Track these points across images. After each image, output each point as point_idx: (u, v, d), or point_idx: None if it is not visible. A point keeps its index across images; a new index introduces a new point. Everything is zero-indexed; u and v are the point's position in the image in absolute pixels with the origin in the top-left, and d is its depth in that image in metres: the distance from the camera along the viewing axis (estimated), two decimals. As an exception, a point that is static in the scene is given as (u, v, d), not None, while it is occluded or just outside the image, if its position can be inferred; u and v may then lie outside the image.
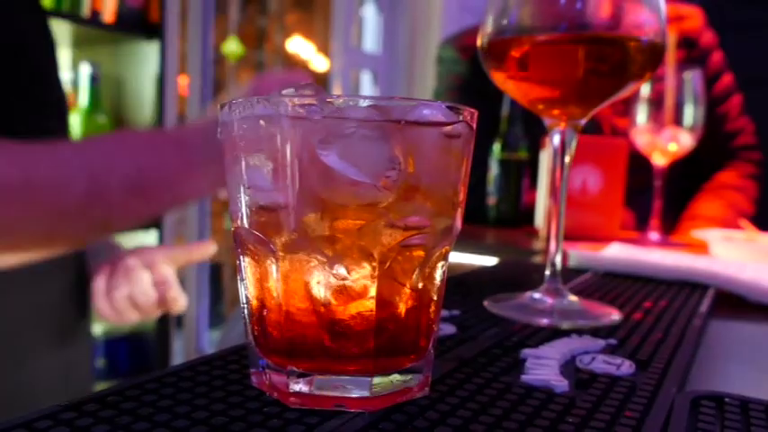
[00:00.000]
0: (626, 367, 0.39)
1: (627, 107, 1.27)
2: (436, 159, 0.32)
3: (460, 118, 0.32)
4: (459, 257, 0.96)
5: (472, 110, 0.33)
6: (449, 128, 0.32)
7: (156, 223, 1.74)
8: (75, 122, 1.62)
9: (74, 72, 1.68)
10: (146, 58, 1.73)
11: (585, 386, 0.36)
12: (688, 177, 1.59)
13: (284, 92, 0.34)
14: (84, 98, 1.62)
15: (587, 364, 0.39)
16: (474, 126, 0.34)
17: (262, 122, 0.30)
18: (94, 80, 1.63)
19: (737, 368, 0.47)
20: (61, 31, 1.62)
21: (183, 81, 2.15)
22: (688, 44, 1.53)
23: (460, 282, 0.65)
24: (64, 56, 1.82)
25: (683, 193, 1.57)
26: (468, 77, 1.63)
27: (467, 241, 1.08)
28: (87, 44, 1.78)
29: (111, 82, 1.77)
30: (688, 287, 0.67)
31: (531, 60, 0.50)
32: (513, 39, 0.50)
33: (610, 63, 0.49)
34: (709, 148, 1.48)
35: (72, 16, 1.53)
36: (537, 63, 0.51)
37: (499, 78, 0.54)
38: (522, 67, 0.51)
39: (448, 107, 0.32)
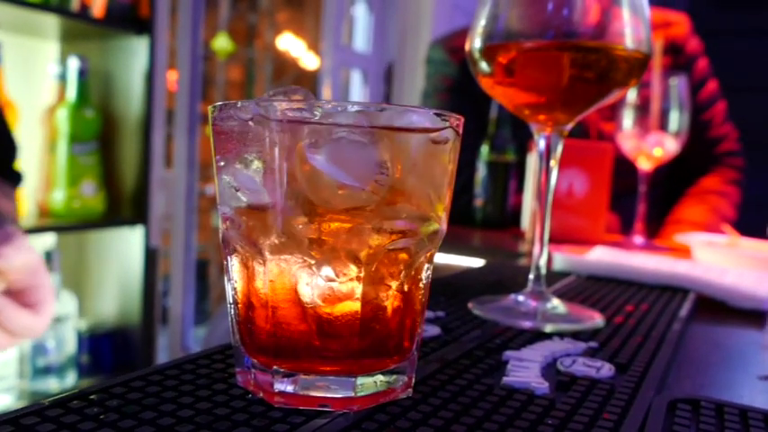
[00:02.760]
0: (606, 370, 0.39)
1: (613, 112, 1.28)
2: (423, 164, 0.32)
3: (447, 124, 0.33)
4: (445, 259, 0.96)
5: (458, 116, 0.34)
6: (435, 134, 0.33)
7: (141, 219, 1.74)
8: (63, 117, 1.61)
9: (62, 66, 1.68)
10: (135, 54, 1.72)
11: (566, 388, 0.37)
12: (672, 182, 1.60)
13: (273, 93, 0.34)
14: (71, 92, 1.62)
15: (568, 366, 0.40)
16: (460, 132, 0.34)
17: (252, 125, 0.31)
18: (82, 74, 1.62)
19: (716, 372, 0.48)
20: (50, 24, 1.61)
21: (172, 77, 2.15)
22: (674, 50, 1.54)
23: (446, 283, 0.65)
24: (52, 50, 1.81)
25: (668, 198, 1.58)
26: (457, 79, 1.63)
27: (453, 243, 1.09)
28: (76, 38, 1.77)
29: (100, 77, 1.76)
30: (669, 291, 0.68)
31: (518, 66, 0.51)
32: (500, 45, 0.51)
33: (595, 70, 0.50)
34: (694, 153, 1.49)
35: (61, 10, 1.52)
36: (523, 69, 0.51)
37: (486, 83, 0.54)
38: (508, 72, 0.52)
39: (435, 113, 0.32)
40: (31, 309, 0.68)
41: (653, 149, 1.20)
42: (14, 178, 0.83)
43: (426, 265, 0.35)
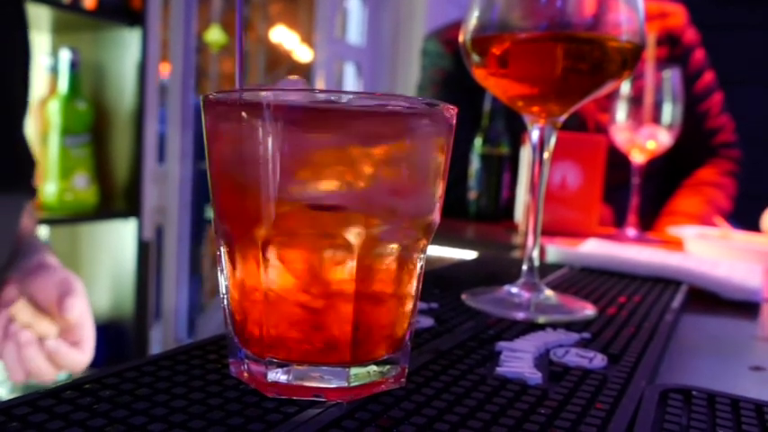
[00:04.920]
0: (598, 361, 0.40)
1: (611, 103, 1.28)
2: (415, 154, 0.32)
3: (440, 114, 0.33)
4: (438, 251, 0.96)
5: (452, 106, 0.34)
6: (428, 123, 0.33)
7: (134, 212, 1.73)
8: (55, 109, 1.60)
9: (53, 58, 1.66)
10: (127, 46, 1.71)
11: (558, 379, 0.37)
12: (668, 173, 1.60)
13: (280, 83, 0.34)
14: (63, 85, 1.61)
15: (561, 357, 0.40)
16: (453, 122, 0.34)
17: (244, 115, 0.31)
18: (74, 66, 1.61)
19: (708, 363, 0.48)
20: (41, 16, 1.59)
21: (164, 69, 2.13)
22: (671, 41, 1.54)
23: (440, 275, 0.65)
24: (43, 41, 1.79)
25: (664, 189, 1.59)
26: (452, 71, 1.63)
27: (447, 235, 1.09)
28: (67, 30, 1.76)
29: (92, 69, 1.75)
30: (662, 283, 0.68)
31: (512, 58, 0.51)
32: (494, 36, 0.51)
33: (588, 62, 0.50)
34: (690, 144, 1.49)
35: (52, 2, 1.51)
36: (517, 60, 0.51)
37: (480, 75, 0.54)
38: (502, 64, 0.52)
39: (428, 103, 0.32)
40: (77, 346, 0.74)
41: (646, 142, 1.21)
42: (31, 193, 0.84)
43: (419, 256, 0.35)
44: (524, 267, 0.57)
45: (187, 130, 2.23)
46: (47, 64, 1.68)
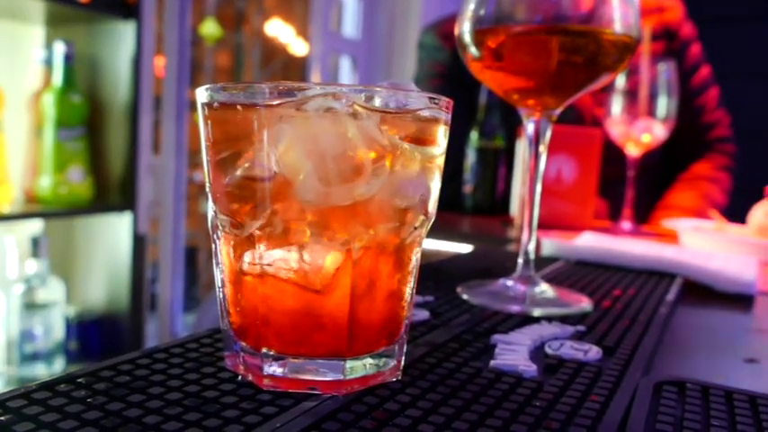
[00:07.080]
0: (593, 353, 0.40)
1: (607, 97, 1.28)
2: (411, 148, 0.32)
3: (437, 107, 0.33)
4: (434, 245, 0.96)
5: (448, 99, 0.34)
6: (426, 116, 0.32)
7: (129, 206, 1.73)
8: (49, 102, 1.59)
9: (48, 51, 1.65)
10: (122, 39, 1.70)
11: (553, 371, 0.37)
12: (664, 168, 1.60)
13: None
14: (58, 77, 1.60)
15: (556, 349, 0.40)
16: (450, 115, 0.34)
17: (240, 109, 0.31)
18: (69, 59, 1.60)
19: (702, 355, 0.48)
20: (35, 9, 1.58)
21: (159, 62, 2.12)
22: (668, 36, 1.54)
23: (435, 269, 0.66)
24: (37, 34, 1.78)
25: (660, 183, 1.59)
26: (449, 65, 1.63)
27: (443, 229, 1.09)
28: (62, 23, 1.75)
29: (86, 62, 1.74)
30: (657, 276, 0.68)
31: (507, 51, 0.51)
32: (489, 29, 0.51)
33: (583, 55, 0.50)
34: (686, 139, 1.49)
35: (46, -6, 1.50)
36: (512, 54, 0.51)
37: (476, 68, 0.54)
38: (497, 57, 0.52)
39: (426, 96, 0.32)
40: None
41: (641, 135, 1.21)
42: None
43: (415, 249, 0.35)
44: (520, 261, 0.57)
45: (182, 123, 2.22)
46: (41, 57, 1.67)
